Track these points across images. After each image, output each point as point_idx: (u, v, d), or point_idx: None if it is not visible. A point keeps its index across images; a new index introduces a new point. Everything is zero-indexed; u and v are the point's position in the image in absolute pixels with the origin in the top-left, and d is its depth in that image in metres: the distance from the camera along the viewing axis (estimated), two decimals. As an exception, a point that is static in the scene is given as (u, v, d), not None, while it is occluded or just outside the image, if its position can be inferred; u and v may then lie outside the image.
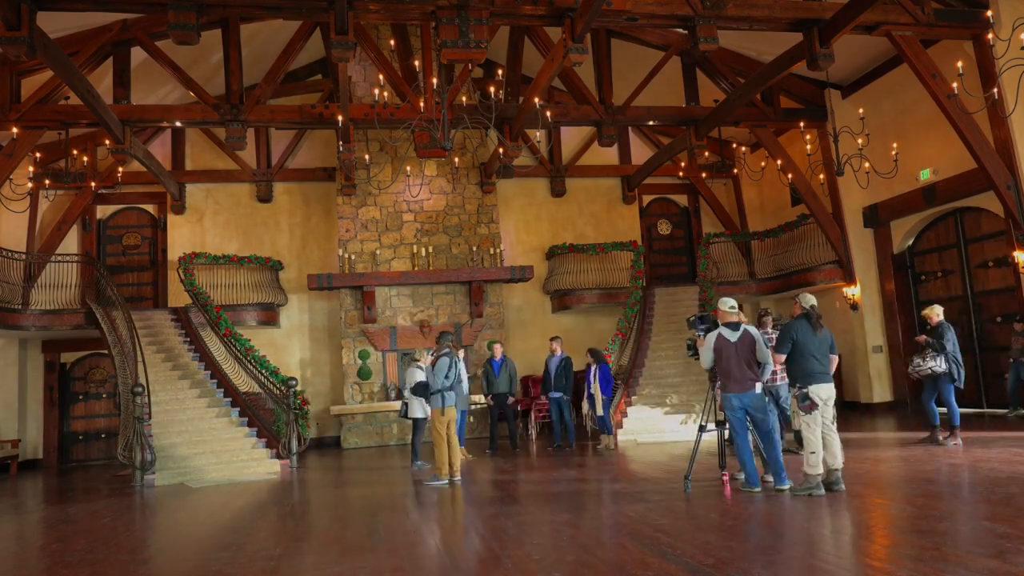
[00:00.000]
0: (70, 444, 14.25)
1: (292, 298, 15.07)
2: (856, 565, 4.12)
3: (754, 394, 6.36)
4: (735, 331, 6.45)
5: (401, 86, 11.98)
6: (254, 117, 11.81)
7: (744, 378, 6.35)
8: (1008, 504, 5.26)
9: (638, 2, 9.67)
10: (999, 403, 11.58)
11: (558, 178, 16.37)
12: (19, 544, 6.59)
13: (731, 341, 6.42)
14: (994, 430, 9.63)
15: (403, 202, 14.61)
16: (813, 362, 6.21)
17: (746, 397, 6.36)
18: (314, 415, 13.86)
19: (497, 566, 4.53)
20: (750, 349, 6.40)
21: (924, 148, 12.25)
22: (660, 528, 5.25)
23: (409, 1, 9.25)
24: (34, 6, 8.62)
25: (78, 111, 11.24)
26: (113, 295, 12.63)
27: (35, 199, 13.87)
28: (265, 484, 9.23)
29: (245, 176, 15.34)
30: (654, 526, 5.32)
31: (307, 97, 15.30)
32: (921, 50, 10.77)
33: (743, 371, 6.36)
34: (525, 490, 7.55)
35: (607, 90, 13.05)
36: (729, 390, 6.41)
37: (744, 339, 6.41)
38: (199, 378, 11.98)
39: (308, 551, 5.30)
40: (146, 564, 5.34)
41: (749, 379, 6.36)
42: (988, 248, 11.79)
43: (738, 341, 6.40)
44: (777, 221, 15.50)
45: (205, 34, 9.67)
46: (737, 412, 6.41)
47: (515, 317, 15.55)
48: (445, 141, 8.55)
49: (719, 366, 6.48)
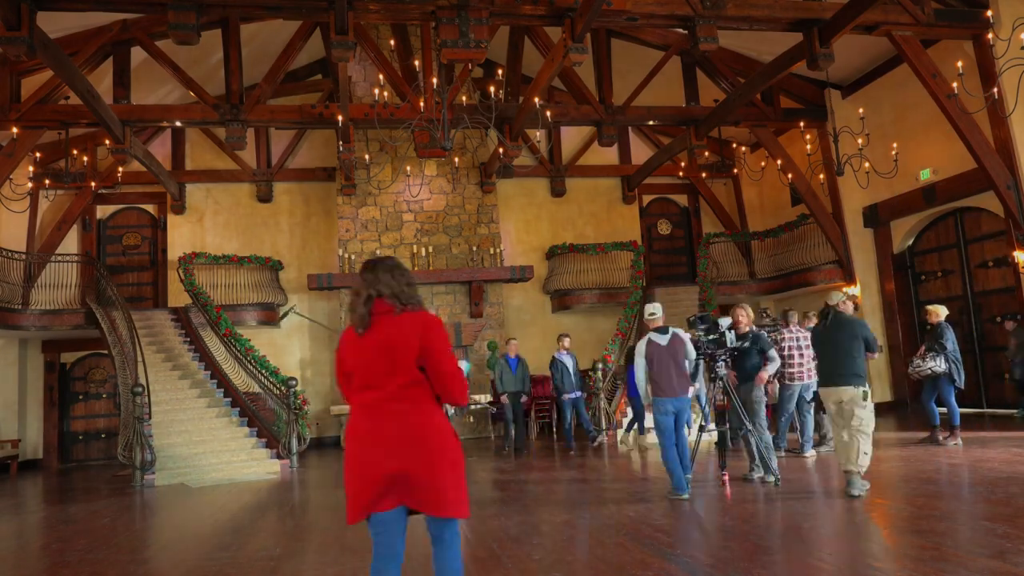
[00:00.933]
0: (70, 444, 14.25)
1: (292, 298, 15.05)
2: (856, 565, 4.12)
3: (687, 399, 6.45)
4: (664, 335, 6.46)
5: (401, 86, 11.98)
6: (254, 117, 11.81)
7: (678, 382, 6.37)
8: (1008, 504, 5.26)
9: (638, 2, 9.67)
10: (999, 403, 11.58)
11: (558, 178, 16.37)
12: (19, 544, 6.59)
13: (662, 345, 6.42)
14: (994, 430, 9.63)
15: (403, 202, 14.61)
16: (823, 362, 6.21)
17: (678, 401, 6.37)
18: (314, 415, 13.85)
19: (497, 566, 4.53)
20: (680, 353, 6.41)
21: (924, 148, 12.25)
22: (660, 528, 5.25)
23: (409, 1, 9.25)
24: (34, 6, 8.62)
25: (78, 111, 11.23)
26: (113, 295, 12.63)
27: (35, 199, 13.86)
28: (265, 484, 9.23)
29: (245, 176, 15.34)
30: (654, 526, 5.32)
31: (307, 97, 15.29)
32: (921, 50, 10.77)
33: (677, 375, 6.36)
34: (525, 490, 7.55)
35: (607, 90, 13.04)
36: (663, 394, 6.36)
37: (673, 343, 6.42)
38: (199, 378, 11.97)
39: (308, 551, 5.30)
40: (146, 564, 5.34)
41: (683, 383, 6.39)
42: (988, 248, 11.79)
43: (667, 345, 6.41)
44: (777, 221, 15.49)
45: (205, 34, 9.67)
46: (669, 417, 6.37)
47: (515, 317, 15.54)
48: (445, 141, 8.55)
49: (652, 372, 6.41)
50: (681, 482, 6.27)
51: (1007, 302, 11.41)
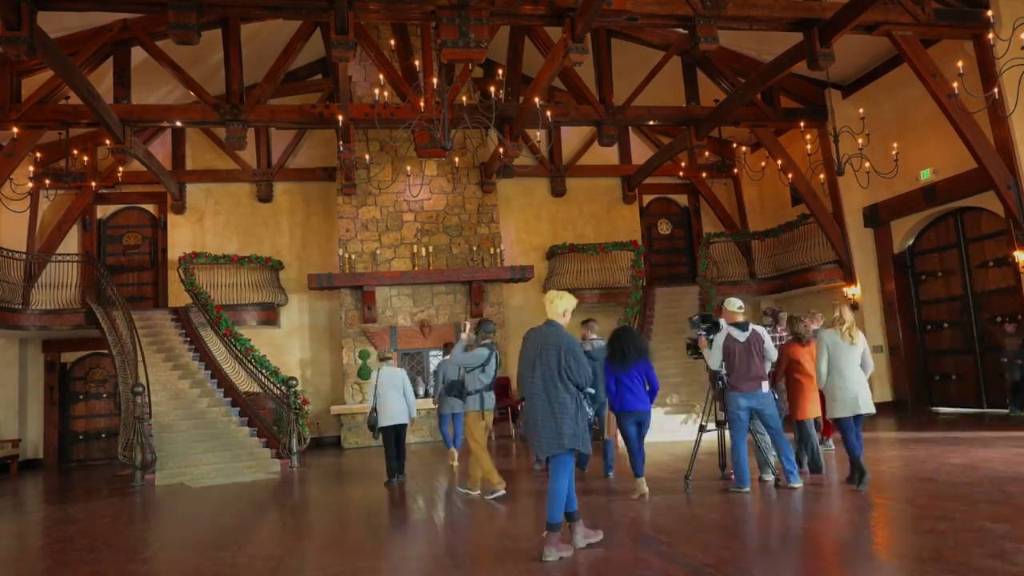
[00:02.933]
0: (70, 444, 14.25)
1: (292, 298, 15.07)
2: (856, 565, 4.12)
3: (762, 393, 6.39)
4: (744, 331, 6.48)
5: (401, 86, 11.98)
6: (254, 117, 11.81)
7: (754, 377, 6.37)
8: (1008, 504, 5.26)
9: (638, 2, 9.66)
10: (1000, 403, 11.58)
11: (558, 178, 16.37)
12: (19, 544, 6.59)
13: (740, 341, 6.44)
14: (994, 430, 9.63)
15: (403, 202, 14.61)
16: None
17: (754, 397, 6.38)
18: (314, 415, 13.86)
19: (498, 566, 4.53)
20: (759, 348, 6.43)
21: (924, 148, 12.24)
22: (660, 528, 5.25)
23: (409, 1, 9.25)
24: (34, 6, 8.62)
25: (78, 111, 11.23)
26: (113, 295, 12.63)
27: (35, 199, 13.86)
28: (265, 484, 9.22)
29: (245, 176, 15.34)
30: (654, 526, 5.32)
31: (307, 97, 15.29)
32: (921, 50, 10.76)
33: (753, 370, 6.37)
34: (525, 489, 7.55)
35: (607, 90, 13.04)
36: (738, 389, 6.41)
37: (753, 338, 6.44)
38: (199, 378, 11.98)
39: (308, 551, 5.31)
40: (146, 564, 5.34)
41: (758, 378, 6.37)
42: (988, 248, 11.78)
43: (747, 341, 6.43)
44: (777, 221, 15.48)
45: (205, 34, 9.66)
46: (743, 412, 6.41)
47: (515, 317, 15.53)
48: (445, 141, 8.54)
49: (729, 366, 6.49)
50: (744, 476, 6.35)
51: (1007, 302, 11.40)
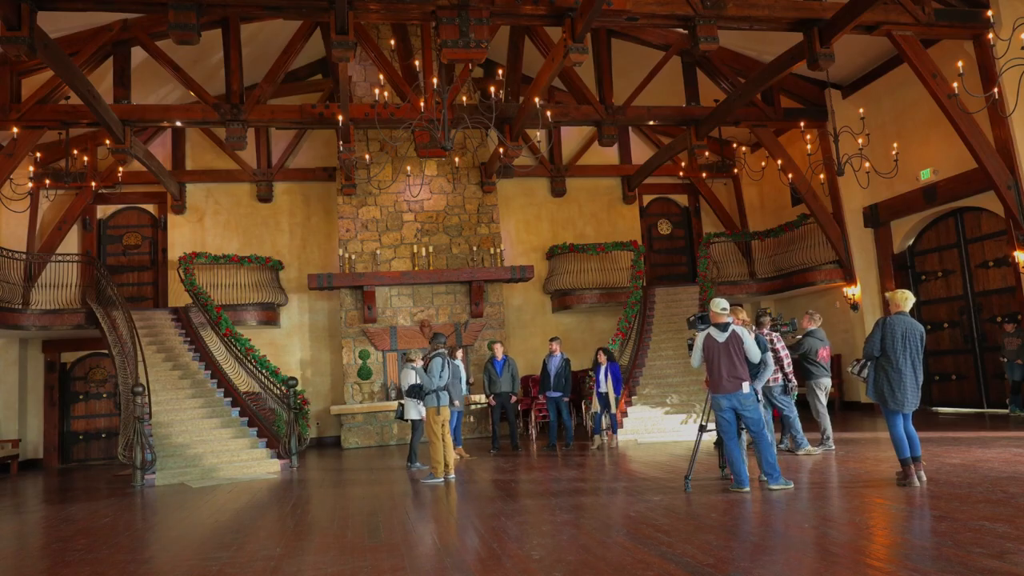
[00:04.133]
0: (70, 444, 14.26)
1: (292, 298, 15.08)
2: (856, 565, 4.12)
3: (742, 394, 6.40)
4: (723, 331, 6.50)
5: (401, 86, 11.98)
6: (254, 117, 11.81)
7: (732, 378, 6.39)
8: (1008, 504, 5.26)
9: (638, 2, 9.67)
10: (999, 403, 11.58)
11: (558, 178, 16.37)
12: (19, 544, 6.59)
13: (719, 341, 6.47)
14: (994, 430, 9.62)
15: (403, 202, 14.61)
16: None
17: (734, 398, 6.40)
18: (314, 415, 13.86)
19: (497, 566, 4.53)
20: (738, 349, 6.43)
21: (924, 148, 12.25)
22: (660, 528, 5.25)
23: (409, 1, 9.26)
24: (34, 6, 8.62)
25: (78, 111, 11.24)
26: (113, 295, 12.63)
27: (35, 199, 13.87)
28: (265, 484, 9.23)
29: (245, 176, 15.34)
30: (654, 526, 5.32)
31: (307, 97, 15.30)
32: (921, 50, 10.76)
33: (731, 371, 6.39)
34: (525, 490, 7.55)
35: (607, 90, 13.04)
36: (717, 391, 6.45)
37: (732, 339, 6.46)
38: (199, 378, 11.98)
39: (308, 551, 5.31)
40: (146, 564, 5.34)
41: (737, 379, 6.39)
42: (988, 248, 11.78)
43: (725, 341, 6.45)
44: (777, 221, 15.49)
45: (205, 34, 9.68)
46: (726, 413, 6.44)
47: (515, 317, 15.55)
48: (445, 141, 8.55)
49: (708, 367, 6.54)
50: (742, 477, 6.37)
51: (1007, 302, 11.40)
